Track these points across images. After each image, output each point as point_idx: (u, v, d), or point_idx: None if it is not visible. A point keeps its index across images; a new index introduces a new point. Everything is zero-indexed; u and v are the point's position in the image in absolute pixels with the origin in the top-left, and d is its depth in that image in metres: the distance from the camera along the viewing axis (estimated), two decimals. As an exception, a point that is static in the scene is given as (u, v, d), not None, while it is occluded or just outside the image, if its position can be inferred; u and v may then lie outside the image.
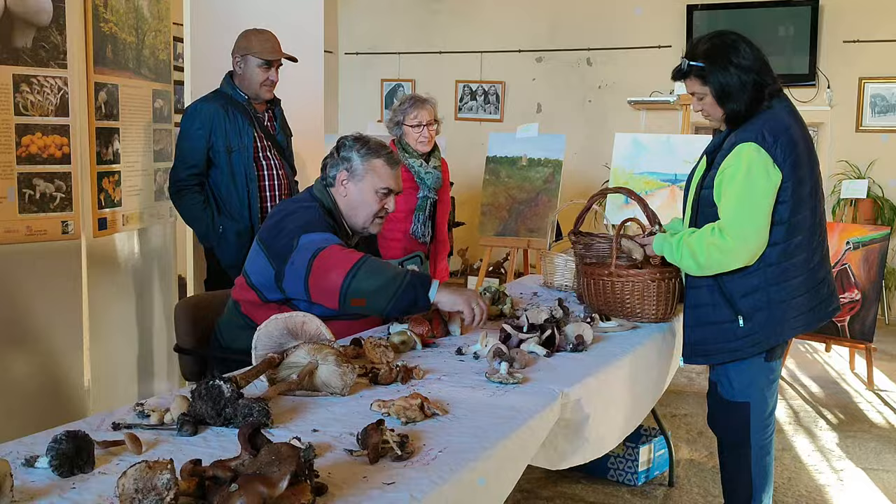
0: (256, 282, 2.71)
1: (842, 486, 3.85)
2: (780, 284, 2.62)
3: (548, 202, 6.15)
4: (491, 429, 1.82)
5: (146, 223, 3.79)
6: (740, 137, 2.60)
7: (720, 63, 2.61)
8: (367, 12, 9.07)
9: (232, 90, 3.85)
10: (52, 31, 3.08)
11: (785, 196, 2.58)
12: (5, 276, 3.06)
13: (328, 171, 2.82)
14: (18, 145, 3.01)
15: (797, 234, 2.61)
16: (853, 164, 7.32)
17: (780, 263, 2.61)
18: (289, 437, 1.65)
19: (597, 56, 8.16)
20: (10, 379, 3.08)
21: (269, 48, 3.83)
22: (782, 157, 2.55)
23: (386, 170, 2.78)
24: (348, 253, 2.56)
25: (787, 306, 2.64)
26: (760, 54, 2.65)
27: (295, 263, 2.57)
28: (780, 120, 2.61)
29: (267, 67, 3.81)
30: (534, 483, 3.67)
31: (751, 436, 2.76)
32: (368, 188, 2.77)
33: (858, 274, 5.45)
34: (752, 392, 2.74)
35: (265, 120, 3.94)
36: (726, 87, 2.61)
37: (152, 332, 3.91)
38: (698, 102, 2.71)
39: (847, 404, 5.10)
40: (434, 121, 4.04)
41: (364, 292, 2.49)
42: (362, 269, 2.49)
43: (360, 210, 2.79)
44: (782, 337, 2.71)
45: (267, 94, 3.88)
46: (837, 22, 7.31)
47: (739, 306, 2.65)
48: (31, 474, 1.50)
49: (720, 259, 2.60)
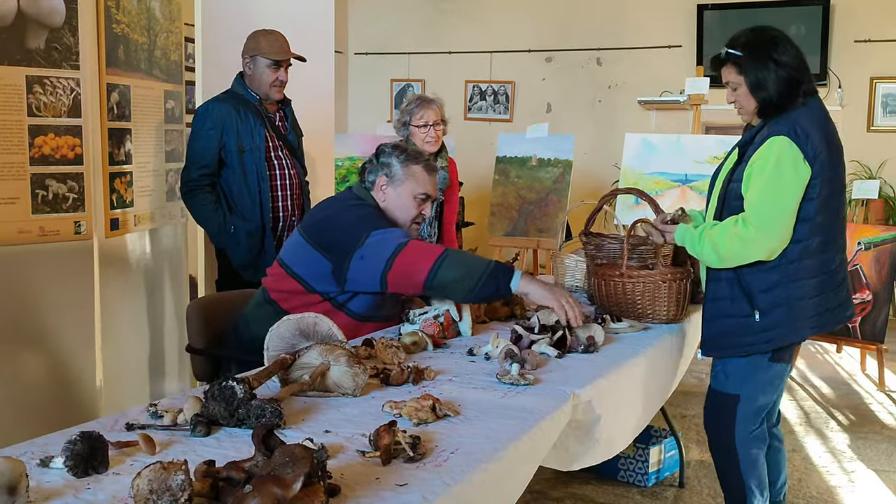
0: (302, 273, 2.76)
1: (853, 488, 3.84)
2: (798, 282, 2.62)
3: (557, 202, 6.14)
4: (503, 430, 1.82)
5: (158, 223, 3.81)
6: (773, 130, 2.60)
7: (759, 54, 2.62)
8: (377, 12, 9.08)
9: (243, 90, 3.86)
10: (64, 32, 3.09)
11: (813, 193, 2.58)
12: (18, 276, 3.07)
13: (367, 177, 2.88)
14: (31, 146, 3.02)
15: (820, 234, 2.62)
16: (864, 164, 7.29)
17: (802, 261, 2.61)
18: (301, 437, 1.65)
19: (607, 56, 8.16)
20: (23, 378, 3.09)
21: (278, 48, 3.83)
22: (813, 154, 2.55)
23: (424, 175, 2.86)
24: (429, 246, 2.66)
25: (804, 304, 2.64)
26: (800, 53, 2.66)
27: (367, 258, 2.63)
28: (815, 117, 2.62)
29: (276, 68, 3.82)
30: (544, 484, 3.67)
31: (736, 432, 2.76)
32: (407, 193, 2.83)
33: (870, 275, 5.43)
34: (745, 387, 2.75)
35: (276, 120, 3.95)
36: (762, 79, 2.61)
37: (163, 333, 3.93)
38: (732, 93, 2.71)
39: (858, 405, 5.08)
40: (441, 121, 4.04)
41: (447, 282, 2.59)
42: (446, 261, 2.58)
43: (398, 214, 2.84)
44: (797, 335, 2.71)
45: (277, 95, 3.89)
46: (848, 21, 7.29)
47: (758, 301, 2.66)
48: (45, 475, 1.51)
49: (741, 250, 2.59)
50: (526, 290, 2.63)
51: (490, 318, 3.00)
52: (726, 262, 2.65)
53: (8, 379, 3.04)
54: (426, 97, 4.08)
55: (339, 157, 5.87)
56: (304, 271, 2.76)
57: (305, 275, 2.76)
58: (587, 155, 7.86)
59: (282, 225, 3.90)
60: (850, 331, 5.46)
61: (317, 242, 2.74)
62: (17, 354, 3.08)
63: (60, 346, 3.21)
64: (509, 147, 6.46)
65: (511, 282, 2.60)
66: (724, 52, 2.68)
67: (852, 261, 5.49)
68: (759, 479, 2.82)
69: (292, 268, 2.79)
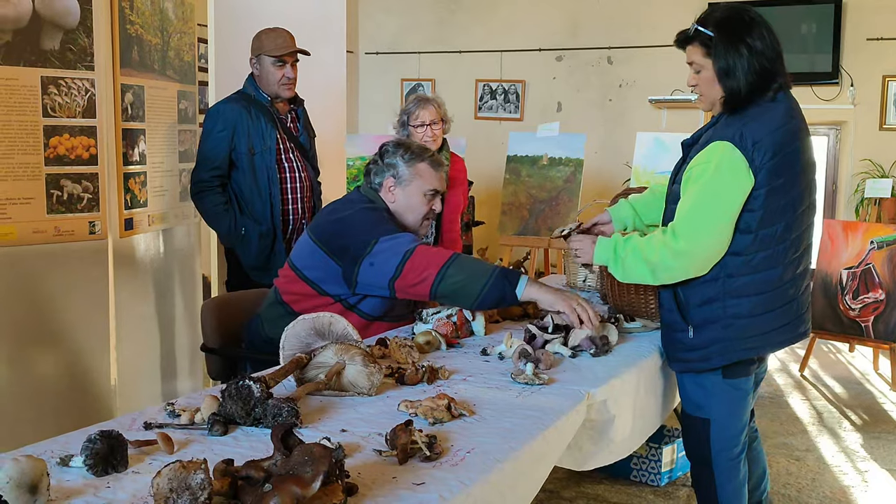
0: (313, 276, 2.75)
1: (866, 488, 3.83)
2: (740, 299, 2.39)
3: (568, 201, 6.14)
4: (518, 430, 1.83)
5: (171, 223, 3.82)
6: (717, 135, 2.36)
7: (731, 37, 2.34)
8: (387, 12, 9.09)
9: (255, 91, 3.83)
10: (79, 33, 3.11)
11: (755, 205, 2.33)
12: (34, 276, 3.10)
13: (373, 178, 2.86)
14: (46, 147, 3.05)
15: (766, 248, 2.36)
16: (877, 162, 7.26)
17: (742, 276, 2.37)
18: (318, 437, 1.66)
19: (617, 55, 8.14)
20: (39, 377, 3.12)
21: (281, 44, 3.76)
22: (759, 162, 2.30)
23: (431, 172, 2.84)
24: (437, 252, 2.62)
25: (743, 324, 2.40)
26: (776, 44, 2.37)
27: (376, 265, 2.61)
28: (772, 120, 2.35)
29: (281, 64, 3.75)
30: (557, 483, 3.67)
31: (712, 456, 2.54)
32: (416, 192, 2.82)
33: (882, 273, 5.41)
34: (711, 409, 2.52)
35: (288, 121, 3.92)
36: (732, 65, 2.33)
37: (177, 332, 3.94)
38: (694, 76, 2.44)
39: (871, 405, 5.06)
40: (440, 120, 4.02)
41: (453, 290, 2.56)
42: (452, 267, 2.55)
43: (408, 214, 2.83)
44: (735, 356, 2.45)
45: (287, 92, 3.83)
46: (860, 19, 7.26)
47: (692, 316, 2.45)
48: (66, 473, 1.52)
49: (672, 263, 2.36)
50: (533, 296, 2.56)
51: (503, 317, 3.00)
52: (659, 275, 2.41)
53: (23, 377, 3.06)
54: (424, 96, 4.07)
55: (350, 157, 5.88)
56: (315, 275, 2.75)
57: (316, 278, 2.75)
58: (598, 154, 7.85)
59: (292, 227, 3.90)
60: (863, 330, 5.44)
61: (326, 246, 2.73)
62: (33, 353, 3.10)
63: (75, 345, 3.23)
64: (520, 146, 6.46)
65: (517, 288, 2.55)
66: (693, 28, 2.39)
67: (865, 260, 5.48)
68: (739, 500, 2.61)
69: (303, 271, 2.78)
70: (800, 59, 7.33)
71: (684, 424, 2.68)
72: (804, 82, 7.23)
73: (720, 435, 2.54)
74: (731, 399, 2.53)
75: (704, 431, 2.55)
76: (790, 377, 5.62)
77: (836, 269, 5.58)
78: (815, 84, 7.28)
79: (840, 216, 7.39)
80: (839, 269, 5.56)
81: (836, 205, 7.60)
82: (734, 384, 2.51)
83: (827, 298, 5.59)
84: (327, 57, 4.90)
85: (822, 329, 5.59)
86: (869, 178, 6.85)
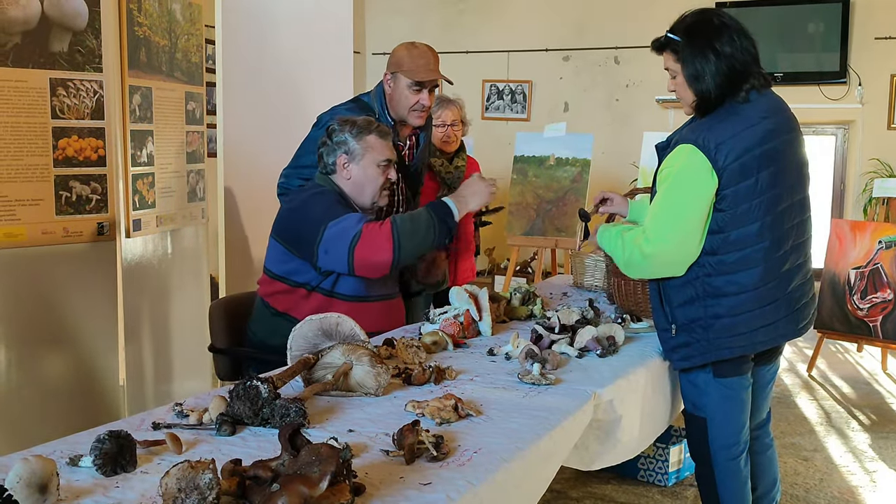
0: (282, 271, 2.85)
1: (874, 488, 3.82)
2: (718, 298, 2.40)
3: (575, 201, 6.14)
4: (525, 430, 1.83)
5: (179, 224, 3.84)
6: (682, 137, 2.41)
7: (698, 43, 2.40)
8: (394, 12, 9.10)
9: (381, 110, 3.29)
10: (87, 35, 3.12)
11: (723, 205, 2.35)
12: (42, 277, 3.11)
13: (326, 160, 2.89)
14: (55, 148, 3.06)
15: (741, 248, 2.37)
16: (885, 162, 7.24)
17: (719, 276, 2.39)
18: (325, 437, 1.66)
19: (624, 54, 8.14)
20: (47, 378, 3.13)
21: (423, 66, 3.27)
22: (722, 163, 2.32)
23: (380, 142, 2.89)
24: (379, 229, 2.68)
25: (727, 323, 2.41)
26: (748, 45, 2.40)
27: (331, 252, 2.70)
28: (738, 122, 2.37)
29: (418, 89, 3.24)
30: (563, 483, 3.67)
31: (711, 454, 2.56)
32: (370, 164, 2.86)
33: (891, 273, 5.39)
34: (706, 408, 2.55)
35: (405, 147, 3.37)
36: (700, 70, 2.38)
37: (185, 333, 3.96)
38: (671, 81, 2.50)
39: (879, 405, 5.05)
40: (460, 122, 4.04)
41: (411, 253, 2.75)
42: (402, 238, 2.68)
43: (366, 187, 2.87)
44: (715, 355, 2.46)
45: (417, 121, 3.30)
46: (868, 18, 7.24)
47: (675, 315, 2.48)
48: (75, 473, 1.53)
49: (641, 262, 2.42)
50: (466, 209, 2.85)
51: (510, 317, 3.00)
52: (630, 269, 2.49)
53: (32, 378, 3.08)
54: (446, 97, 4.08)
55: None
56: (283, 269, 2.84)
57: (285, 272, 2.84)
58: (605, 154, 7.84)
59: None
60: (871, 330, 5.43)
61: (283, 238, 2.83)
62: (42, 354, 3.11)
63: (84, 345, 3.24)
64: (527, 146, 6.46)
65: (453, 215, 2.80)
66: (665, 36, 2.47)
67: (873, 259, 5.46)
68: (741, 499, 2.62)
69: (272, 269, 2.88)
70: (807, 59, 7.31)
71: (686, 423, 2.70)
72: (812, 81, 7.22)
73: (717, 434, 2.56)
74: (723, 398, 2.54)
75: (702, 430, 2.58)
76: (798, 377, 5.61)
77: (844, 268, 5.56)
78: (822, 83, 7.26)
79: (848, 216, 7.37)
80: (847, 269, 5.55)
81: (844, 204, 7.58)
82: (725, 383, 2.53)
83: (835, 298, 5.58)
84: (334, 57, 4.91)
85: (830, 329, 5.58)
86: (877, 178, 6.82)
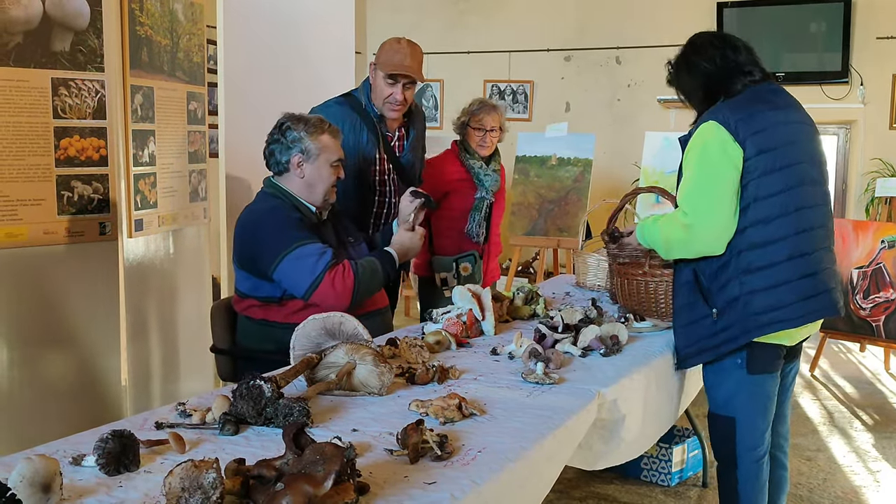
0: (246, 289, 2.89)
1: (878, 488, 3.81)
2: (753, 273, 2.47)
3: (577, 201, 6.13)
4: (528, 429, 1.83)
5: (181, 224, 3.83)
6: (702, 119, 2.57)
7: (679, 67, 2.68)
8: (395, 12, 9.09)
9: (367, 102, 3.44)
10: (89, 34, 3.12)
11: (750, 176, 2.46)
12: (44, 277, 3.11)
13: (279, 157, 2.88)
14: (57, 148, 3.06)
15: (770, 221, 2.47)
16: (887, 161, 7.22)
17: (750, 251, 2.47)
18: (329, 436, 1.66)
19: (626, 54, 8.13)
20: (50, 378, 3.12)
21: (396, 62, 3.33)
22: (743, 134, 2.45)
23: (333, 142, 2.92)
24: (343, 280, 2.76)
25: (765, 296, 2.47)
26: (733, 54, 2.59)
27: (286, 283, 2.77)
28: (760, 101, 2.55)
29: (392, 82, 3.33)
30: (567, 483, 3.66)
31: (737, 455, 2.60)
32: (324, 164, 2.88)
33: (893, 273, 5.38)
34: (735, 407, 2.59)
35: (394, 139, 3.51)
36: (685, 88, 2.69)
37: (186, 333, 3.95)
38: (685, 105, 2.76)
39: (882, 405, 5.04)
40: (499, 128, 4.05)
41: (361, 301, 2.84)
42: (360, 288, 2.80)
43: (318, 186, 2.89)
44: (760, 331, 2.49)
45: (390, 113, 3.41)
46: (870, 18, 7.22)
47: (715, 300, 2.53)
48: (78, 473, 1.53)
49: (682, 236, 2.50)
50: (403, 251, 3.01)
51: (513, 317, 3.00)
52: (672, 248, 2.57)
53: (34, 378, 3.07)
54: (490, 102, 4.07)
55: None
56: (247, 286, 2.88)
57: (248, 289, 2.87)
58: (606, 154, 7.82)
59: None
60: (874, 330, 5.42)
61: (240, 265, 2.87)
62: (44, 354, 3.11)
63: (86, 345, 3.24)
64: (529, 146, 6.45)
65: (395, 266, 2.98)
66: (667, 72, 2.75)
67: (875, 259, 5.45)
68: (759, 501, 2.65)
69: (239, 289, 2.92)
70: (809, 59, 7.30)
71: (710, 424, 2.70)
72: (813, 81, 7.21)
73: (744, 434, 2.59)
74: (751, 396, 2.57)
75: (730, 430, 2.60)
76: (801, 377, 5.59)
77: (847, 268, 5.55)
78: (824, 83, 7.25)
79: (850, 215, 7.36)
80: (850, 269, 5.54)
81: (846, 204, 7.56)
82: (756, 381, 2.56)
83: (837, 298, 5.55)
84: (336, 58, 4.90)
85: (833, 329, 5.57)
86: (879, 178, 6.80)
